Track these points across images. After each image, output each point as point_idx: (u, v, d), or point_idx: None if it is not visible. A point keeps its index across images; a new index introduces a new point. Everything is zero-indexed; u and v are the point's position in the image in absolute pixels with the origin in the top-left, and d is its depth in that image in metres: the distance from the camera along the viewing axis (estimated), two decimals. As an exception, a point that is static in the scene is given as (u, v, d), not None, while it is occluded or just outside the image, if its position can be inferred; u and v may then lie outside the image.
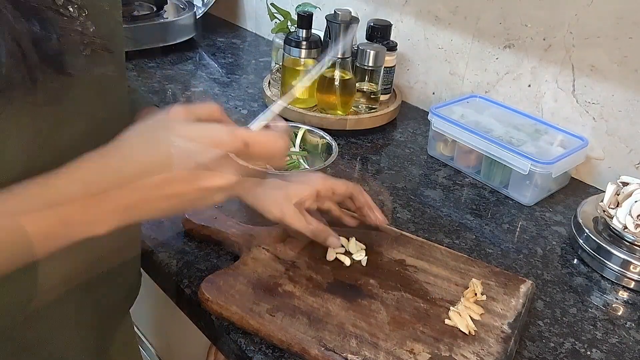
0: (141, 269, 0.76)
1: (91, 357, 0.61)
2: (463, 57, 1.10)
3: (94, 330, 0.61)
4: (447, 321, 0.61)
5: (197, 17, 1.46)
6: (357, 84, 1.05)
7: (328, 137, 0.88)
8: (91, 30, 0.43)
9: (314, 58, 1.06)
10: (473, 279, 0.67)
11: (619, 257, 0.74)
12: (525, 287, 0.67)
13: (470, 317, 0.61)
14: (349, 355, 0.56)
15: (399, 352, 0.57)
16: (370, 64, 1.04)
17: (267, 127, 0.50)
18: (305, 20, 1.03)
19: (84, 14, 0.42)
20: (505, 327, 0.61)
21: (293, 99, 1.07)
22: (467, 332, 0.60)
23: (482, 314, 0.62)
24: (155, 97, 1.14)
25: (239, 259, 0.69)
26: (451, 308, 0.62)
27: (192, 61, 1.35)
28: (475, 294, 0.65)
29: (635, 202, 0.75)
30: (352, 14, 1.01)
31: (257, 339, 0.60)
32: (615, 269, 0.74)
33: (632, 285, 0.74)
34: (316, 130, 0.90)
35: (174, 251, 0.72)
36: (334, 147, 0.86)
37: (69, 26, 0.40)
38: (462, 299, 0.64)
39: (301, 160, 0.89)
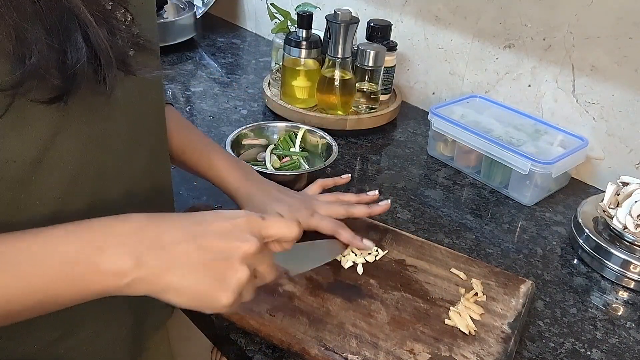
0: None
1: None
2: (463, 57, 1.10)
3: (130, 343, 0.61)
4: (447, 321, 0.61)
5: (197, 17, 1.46)
6: (357, 84, 1.05)
7: (328, 137, 0.88)
8: (136, 33, 0.45)
9: (314, 58, 1.06)
10: (473, 279, 0.67)
11: (619, 257, 0.74)
12: (525, 287, 0.67)
13: (470, 317, 0.61)
14: (349, 355, 0.56)
15: (399, 352, 0.57)
16: (370, 64, 1.04)
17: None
18: (305, 20, 1.03)
19: (129, 18, 0.45)
20: (505, 327, 0.61)
21: (293, 99, 1.08)
22: (467, 332, 0.60)
23: (482, 314, 0.62)
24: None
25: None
26: (451, 308, 0.62)
27: (192, 61, 1.35)
28: (476, 294, 0.65)
29: (635, 202, 0.75)
30: (352, 14, 1.01)
31: (257, 339, 0.60)
32: (615, 269, 0.74)
33: (632, 285, 0.74)
34: (316, 130, 0.91)
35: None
36: (334, 147, 0.86)
37: (122, 30, 0.43)
38: (462, 299, 0.64)
39: (301, 161, 0.89)
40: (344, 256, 0.69)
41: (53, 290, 0.41)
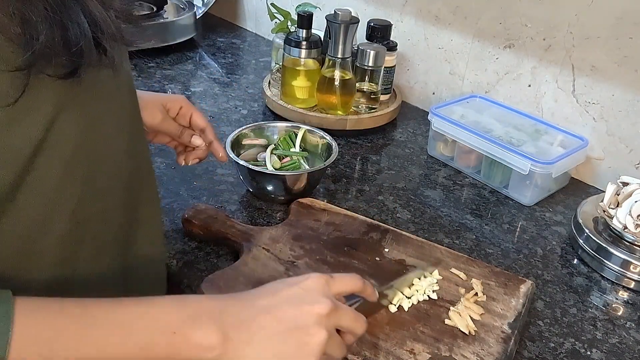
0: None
1: None
2: (463, 57, 1.10)
3: None
4: (447, 321, 0.61)
5: (197, 17, 1.46)
6: (357, 84, 1.05)
7: (328, 137, 0.88)
8: (123, 6, 0.46)
9: (314, 58, 1.06)
10: (473, 279, 0.67)
11: (619, 257, 0.74)
12: (525, 287, 0.67)
13: (470, 317, 0.61)
14: (349, 355, 0.56)
15: (399, 352, 0.57)
16: (370, 64, 1.04)
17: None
18: (305, 20, 1.03)
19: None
20: (506, 327, 0.61)
21: (294, 99, 1.08)
22: (467, 332, 0.60)
23: (482, 314, 0.62)
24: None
25: (239, 259, 0.69)
26: (451, 308, 0.62)
27: (192, 61, 1.35)
28: (476, 294, 0.65)
29: (635, 202, 0.75)
30: (352, 14, 1.01)
31: (257, 339, 0.60)
32: (615, 269, 0.74)
33: (632, 285, 0.74)
34: (316, 131, 0.90)
35: (174, 251, 0.72)
36: (334, 147, 0.86)
37: (113, 3, 0.44)
38: (462, 299, 0.64)
39: (301, 161, 0.89)
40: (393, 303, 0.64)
41: (151, 354, 0.42)
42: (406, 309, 0.63)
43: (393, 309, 0.62)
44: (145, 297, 0.45)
